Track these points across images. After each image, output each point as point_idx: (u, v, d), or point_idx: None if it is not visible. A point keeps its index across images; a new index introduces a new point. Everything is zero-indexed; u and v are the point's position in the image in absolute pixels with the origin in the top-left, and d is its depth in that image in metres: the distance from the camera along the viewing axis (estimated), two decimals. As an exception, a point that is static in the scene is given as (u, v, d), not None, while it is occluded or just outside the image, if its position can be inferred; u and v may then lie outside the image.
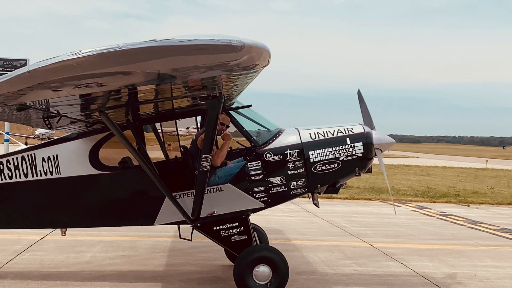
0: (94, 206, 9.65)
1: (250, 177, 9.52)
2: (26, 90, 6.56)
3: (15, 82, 6.37)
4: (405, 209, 22.87)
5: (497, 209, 24.26)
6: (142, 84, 6.96)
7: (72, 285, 9.48)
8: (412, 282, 10.50)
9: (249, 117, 10.01)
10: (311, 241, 14.44)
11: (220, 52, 6.21)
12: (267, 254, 9.01)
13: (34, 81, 6.30)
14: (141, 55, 6.02)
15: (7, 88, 6.53)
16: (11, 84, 6.42)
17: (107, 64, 6.07)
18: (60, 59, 6.01)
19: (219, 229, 9.46)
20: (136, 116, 9.58)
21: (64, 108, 7.89)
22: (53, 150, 9.67)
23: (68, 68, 6.05)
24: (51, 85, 6.42)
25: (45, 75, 6.16)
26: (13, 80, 6.34)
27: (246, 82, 8.19)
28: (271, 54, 6.68)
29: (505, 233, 17.13)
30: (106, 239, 13.45)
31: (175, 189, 9.27)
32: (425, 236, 16.11)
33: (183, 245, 12.82)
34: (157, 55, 6.07)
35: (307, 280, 10.23)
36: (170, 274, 10.56)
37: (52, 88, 6.54)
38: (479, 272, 11.47)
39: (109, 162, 9.70)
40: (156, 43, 5.96)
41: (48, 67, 6.05)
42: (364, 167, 9.85)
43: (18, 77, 6.29)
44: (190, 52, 6.12)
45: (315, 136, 9.75)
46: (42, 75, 6.16)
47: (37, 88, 6.47)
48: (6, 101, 7.07)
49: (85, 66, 6.05)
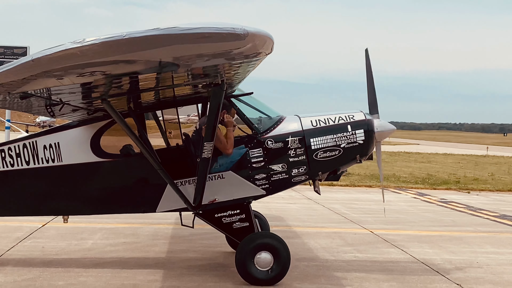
0: (95, 194, 9.68)
1: (252, 164, 9.53)
2: (30, 79, 6.56)
3: (19, 70, 6.38)
4: (406, 196, 22.92)
5: (497, 195, 24.31)
6: (145, 72, 6.98)
7: (73, 272, 9.53)
8: (412, 268, 10.55)
9: (250, 105, 10.02)
10: (311, 228, 14.49)
11: (224, 40, 6.21)
12: (269, 241, 9.05)
13: (38, 70, 6.30)
14: (145, 44, 6.02)
15: (11, 77, 6.53)
16: (15, 72, 6.43)
17: (111, 53, 6.07)
18: (64, 47, 6.01)
19: (220, 216, 9.50)
20: (138, 104, 9.59)
21: (66, 96, 7.91)
22: (54, 137, 9.68)
23: (72, 57, 6.06)
24: (54, 74, 6.43)
25: (49, 63, 6.16)
26: (17, 68, 6.35)
27: (248, 70, 8.20)
28: (274, 42, 6.69)
29: (505, 219, 17.18)
30: (108, 226, 13.50)
31: (176, 177, 9.29)
32: (425, 222, 16.16)
33: (184, 232, 12.87)
34: (161, 44, 6.07)
35: (307, 267, 10.28)
36: (171, 261, 10.60)
37: (55, 77, 6.55)
38: (479, 259, 11.52)
39: (110, 149, 9.72)
40: (160, 32, 5.96)
41: (52, 55, 6.06)
42: (365, 154, 9.87)
43: (22, 66, 6.30)
44: (194, 40, 6.12)
45: (317, 123, 9.76)
46: (46, 63, 6.17)
47: (41, 76, 6.48)
48: (9, 90, 7.08)
49: (89, 55, 6.05)
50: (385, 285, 9.30)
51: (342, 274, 9.89)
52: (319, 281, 9.38)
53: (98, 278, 9.18)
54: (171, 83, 8.22)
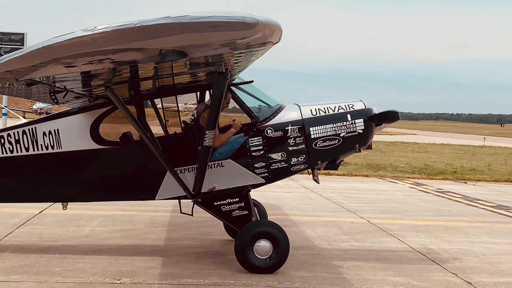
0: (95, 181, 9.69)
1: (251, 153, 9.54)
2: (39, 66, 6.57)
3: (30, 57, 6.38)
4: (402, 185, 22.96)
5: (494, 186, 24.36)
6: (154, 60, 6.99)
7: (71, 258, 9.54)
8: (409, 257, 10.59)
9: (250, 93, 10.01)
10: (308, 216, 14.52)
11: (234, 29, 6.21)
12: (269, 229, 9.08)
13: (48, 57, 6.30)
14: (155, 32, 6.02)
15: (21, 64, 6.54)
16: (25, 59, 6.43)
17: (121, 41, 6.08)
18: (75, 35, 6.01)
19: (219, 204, 9.52)
20: (139, 92, 9.59)
21: (71, 83, 7.91)
22: (54, 124, 9.68)
23: (83, 44, 6.06)
24: (64, 61, 6.44)
25: (60, 51, 6.17)
26: (28, 55, 6.35)
27: (251, 59, 8.20)
28: (282, 31, 6.68)
29: (501, 210, 17.23)
30: (105, 213, 13.51)
31: (175, 165, 9.30)
32: (422, 212, 16.20)
33: (182, 219, 12.89)
34: (172, 32, 6.07)
35: (304, 255, 10.31)
36: (169, 248, 10.63)
37: (64, 64, 6.56)
38: (475, 248, 11.56)
39: (110, 136, 9.74)
40: (171, 20, 5.96)
41: (63, 43, 6.05)
42: (364, 144, 9.88)
43: (33, 53, 6.29)
44: (205, 29, 6.12)
45: (316, 112, 9.76)
46: (56, 51, 6.17)
47: (50, 63, 6.49)
48: (17, 76, 7.08)
49: (99, 42, 6.05)
50: (382, 274, 9.34)
51: (339, 263, 9.93)
52: (316, 270, 9.42)
53: (95, 265, 9.20)
54: (176, 71, 8.23)
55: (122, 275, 8.69)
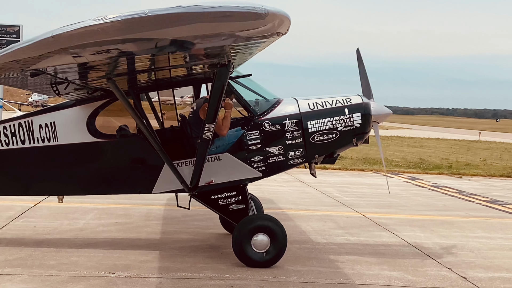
0: (91, 174, 9.65)
1: (248, 146, 9.52)
2: (47, 56, 6.50)
3: (38, 47, 6.29)
4: (398, 180, 22.98)
5: (489, 181, 24.40)
6: (162, 51, 6.92)
7: (65, 252, 9.52)
8: (404, 252, 10.60)
9: (248, 87, 9.98)
10: (304, 210, 14.52)
11: (244, 19, 6.16)
12: (268, 223, 9.07)
13: (57, 46, 6.23)
14: (166, 21, 5.95)
15: (28, 53, 6.46)
16: (33, 49, 6.34)
17: (132, 30, 6.02)
18: (85, 24, 5.94)
19: (217, 198, 9.50)
20: (137, 84, 9.54)
21: (73, 74, 7.85)
22: (50, 117, 9.63)
23: (92, 34, 5.98)
24: (72, 51, 6.37)
25: (69, 40, 6.09)
26: (36, 45, 6.26)
27: (254, 52, 8.16)
28: (291, 23, 6.64)
29: (496, 204, 17.26)
30: (100, 207, 13.48)
31: (172, 158, 9.27)
32: (417, 207, 16.22)
33: (177, 213, 12.87)
34: (183, 22, 6.00)
35: (299, 249, 10.31)
36: (164, 241, 10.61)
37: (72, 54, 6.49)
38: (470, 243, 11.58)
39: (107, 130, 9.69)
40: (182, 9, 5.89)
41: (73, 32, 5.97)
42: (361, 138, 9.88)
43: (41, 42, 6.20)
44: (215, 19, 6.06)
45: (314, 106, 9.75)
46: (65, 40, 6.09)
47: (58, 53, 6.42)
48: (24, 66, 7.02)
49: (109, 32, 5.98)
50: (377, 268, 9.34)
51: (334, 257, 9.93)
52: (311, 264, 9.42)
53: (90, 258, 9.17)
54: (179, 63, 8.18)
55: (117, 268, 8.67)
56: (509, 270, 9.72)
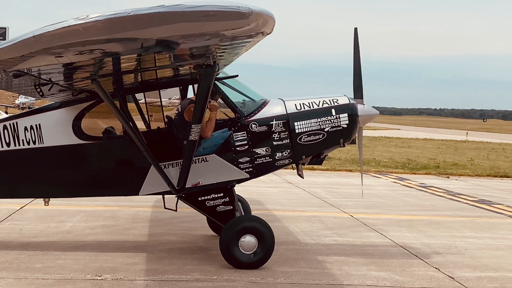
0: (78, 176, 9.59)
1: (235, 147, 9.50)
2: (29, 56, 6.43)
3: (20, 47, 6.22)
4: (386, 180, 23.04)
5: (476, 180, 24.51)
6: (145, 51, 6.88)
7: (52, 255, 9.44)
8: (391, 252, 10.61)
9: (234, 88, 9.96)
10: (292, 211, 14.51)
11: (228, 19, 6.13)
12: (255, 224, 9.05)
13: (39, 47, 6.16)
14: (149, 21, 5.92)
15: (10, 53, 6.38)
16: (15, 49, 6.27)
17: (114, 30, 5.97)
18: (66, 24, 5.88)
19: (204, 200, 9.47)
20: (124, 85, 9.49)
21: (57, 75, 7.79)
22: (36, 119, 9.57)
23: (75, 34, 5.93)
24: (54, 51, 6.31)
25: (51, 40, 6.03)
26: (18, 45, 6.18)
27: (240, 52, 8.13)
28: (275, 22, 6.62)
29: (483, 204, 17.33)
30: (87, 209, 13.40)
31: (159, 160, 9.22)
32: (404, 207, 16.26)
33: (164, 215, 12.81)
34: (166, 21, 5.97)
35: (287, 250, 10.29)
36: (151, 244, 10.56)
37: (55, 54, 6.43)
38: (458, 243, 11.61)
39: (93, 131, 9.64)
40: (165, 9, 5.86)
41: (55, 32, 5.92)
42: (349, 138, 9.87)
43: (23, 42, 6.13)
44: (199, 18, 6.03)
45: (301, 107, 9.74)
46: (47, 40, 6.03)
47: (40, 54, 6.35)
48: (6, 67, 6.94)
49: (92, 32, 5.93)
50: (364, 269, 9.34)
51: (322, 258, 9.92)
52: (299, 265, 9.40)
53: (77, 261, 9.11)
54: (163, 63, 8.14)
55: (104, 271, 8.61)
56: (496, 269, 9.75)
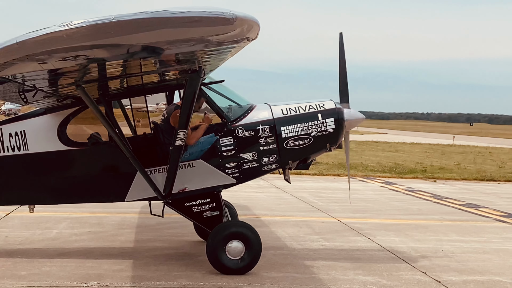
0: (63, 183, 9.54)
1: (222, 153, 9.48)
2: (12, 63, 6.39)
3: (2, 54, 6.19)
4: (373, 184, 23.08)
5: (463, 184, 24.61)
6: (129, 57, 6.86)
7: (37, 262, 9.37)
8: (379, 256, 10.61)
9: (221, 93, 9.94)
10: (279, 216, 14.50)
11: (212, 24, 6.16)
12: (242, 230, 9.03)
13: (22, 53, 6.14)
14: (133, 27, 5.92)
15: None
16: None
17: (98, 36, 5.96)
18: (50, 30, 5.87)
19: (190, 205, 9.44)
20: (110, 91, 9.45)
21: (41, 81, 7.74)
22: (20, 125, 9.52)
23: (58, 40, 5.92)
24: (38, 58, 6.28)
25: (34, 46, 6.02)
26: (1, 52, 6.15)
27: (225, 57, 8.12)
28: (260, 28, 6.62)
29: (470, 208, 17.40)
30: (73, 216, 13.32)
31: (145, 166, 9.18)
32: (392, 211, 16.29)
33: (151, 221, 12.75)
34: (150, 27, 5.97)
35: (274, 256, 10.27)
36: (138, 250, 10.51)
37: (38, 61, 6.39)
38: (445, 247, 11.63)
39: (78, 138, 9.60)
40: (149, 15, 5.86)
41: (38, 38, 5.91)
42: (335, 143, 9.88)
43: (6, 49, 6.11)
44: (183, 24, 6.05)
45: (287, 112, 9.74)
46: (31, 46, 6.01)
47: (24, 60, 6.32)
48: None
49: (75, 38, 5.92)
50: (352, 273, 9.34)
51: (309, 263, 9.91)
52: (286, 270, 9.38)
53: (62, 268, 9.04)
54: (149, 69, 8.11)
55: (90, 278, 8.55)
56: (482, 273, 9.78)
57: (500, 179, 26.71)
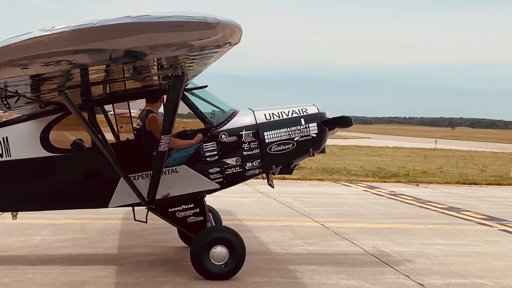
0: (46, 189, 9.48)
1: (205, 158, 9.48)
2: None
3: None
4: (356, 189, 23.17)
5: (445, 188, 24.79)
6: (112, 62, 6.84)
7: (20, 269, 9.31)
8: (362, 260, 10.66)
9: (204, 98, 9.96)
10: (263, 221, 14.51)
11: (195, 29, 6.17)
12: (226, 235, 9.03)
13: (4, 58, 6.09)
14: (116, 32, 5.91)
15: None
16: None
17: (81, 41, 5.94)
18: (32, 35, 5.83)
19: (174, 211, 9.43)
20: (91, 97, 9.42)
21: (24, 87, 7.70)
22: (2, 132, 9.45)
23: (41, 45, 5.89)
24: (20, 63, 6.24)
25: (17, 52, 5.98)
26: None
27: (208, 62, 8.13)
28: (242, 32, 6.65)
29: (452, 211, 17.52)
30: (56, 222, 13.24)
31: (128, 172, 9.16)
32: (375, 215, 16.37)
33: (134, 227, 12.72)
34: (133, 32, 5.98)
35: (258, 260, 10.29)
36: (121, 256, 10.47)
37: (21, 66, 6.36)
38: (427, 250, 11.71)
39: (61, 144, 9.55)
40: (131, 20, 5.87)
41: (20, 43, 5.87)
42: (318, 147, 9.93)
43: None
44: (166, 29, 6.06)
45: (270, 117, 9.77)
46: (13, 52, 5.97)
47: (6, 65, 6.28)
48: None
49: (58, 43, 5.89)
50: (335, 278, 9.38)
51: (293, 267, 9.94)
52: (270, 274, 9.40)
53: (46, 275, 8.99)
54: (131, 74, 8.10)
55: (73, 285, 8.52)
56: (465, 276, 9.86)
57: (482, 182, 26.96)
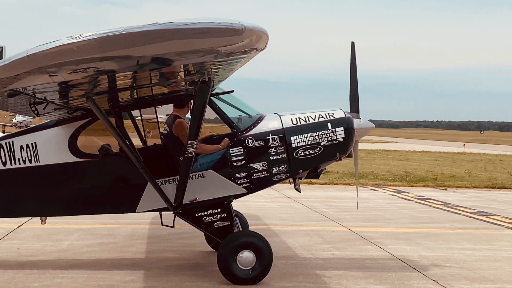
0: (74, 194, 9.56)
1: (232, 163, 9.50)
2: (23, 75, 6.45)
3: (13, 67, 6.24)
4: (384, 193, 23.02)
5: (474, 192, 24.51)
6: (139, 69, 6.90)
7: (49, 273, 9.41)
8: (390, 265, 10.58)
9: (230, 103, 9.98)
10: (290, 226, 14.49)
11: (221, 35, 6.19)
12: (253, 240, 9.04)
13: (32, 66, 6.18)
14: (143, 39, 5.95)
15: (4, 73, 6.41)
16: (9, 69, 6.29)
17: (108, 48, 6.00)
18: (60, 43, 5.91)
19: (201, 216, 9.46)
20: (119, 102, 9.50)
21: (52, 94, 7.80)
22: (31, 137, 9.57)
23: (68, 52, 5.96)
24: (48, 70, 6.33)
25: (45, 59, 6.06)
26: (11, 65, 6.21)
27: (235, 67, 8.15)
28: (269, 38, 6.66)
29: (481, 216, 17.32)
30: (84, 227, 13.37)
31: (155, 177, 9.21)
32: (402, 220, 16.24)
33: (162, 232, 12.78)
34: (159, 39, 6.02)
35: (285, 265, 10.27)
36: (149, 261, 10.53)
37: (49, 73, 6.45)
38: (456, 255, 11.59)
39: (88, 149, 9.63)
40: (158, 27, 5.91)
41: (48, 51, 5.95)
42: (345, 152, 9.89)
43: (17, 62, 6.16)
44: (192, 35, 6.08)
45: (297, 121, 9.76)
46: (41, 59, 6.06)
47: (34, 73, 6.37)
48: (0, 87, 6.95)
49: (85, 50, 5.96)
50: (363, 283, 9.32)
51: (320, 272, 9.90)
52: (297, 279, 9.38)
53: (74, 279, 9.08)
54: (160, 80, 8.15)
55: (101, 289, 8.58)
56: (494, 281, 9.74)
57: (511, 186, 26.59)
